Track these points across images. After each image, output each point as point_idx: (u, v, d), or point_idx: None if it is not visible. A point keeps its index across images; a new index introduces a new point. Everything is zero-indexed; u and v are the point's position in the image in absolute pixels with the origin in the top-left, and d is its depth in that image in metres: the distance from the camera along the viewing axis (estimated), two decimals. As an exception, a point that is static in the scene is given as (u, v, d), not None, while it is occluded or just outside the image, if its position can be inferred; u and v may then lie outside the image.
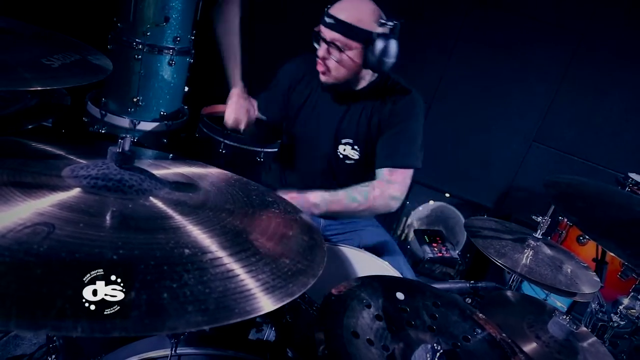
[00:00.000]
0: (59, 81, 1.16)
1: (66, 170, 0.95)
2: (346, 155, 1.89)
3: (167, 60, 2.95)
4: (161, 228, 0.83)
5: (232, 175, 1.26)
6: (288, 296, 0.77)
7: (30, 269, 0.64)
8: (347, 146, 1.88)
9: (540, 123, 3.32)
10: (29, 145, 1.09)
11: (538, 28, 3.17)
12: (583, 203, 1.46)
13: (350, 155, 1.89)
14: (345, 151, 1.88)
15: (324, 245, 0.99)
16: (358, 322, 1.00)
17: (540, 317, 1.48)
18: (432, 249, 2.71)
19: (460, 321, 1.12)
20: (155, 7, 2.85)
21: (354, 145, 1.88)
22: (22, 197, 0.81)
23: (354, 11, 1.68)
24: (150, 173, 1.00)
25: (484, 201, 3.52)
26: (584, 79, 3.18)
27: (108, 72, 1.27)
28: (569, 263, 1.77)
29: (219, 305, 0.69)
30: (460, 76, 3.39)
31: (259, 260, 0.82)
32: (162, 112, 3.06)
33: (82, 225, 0.77)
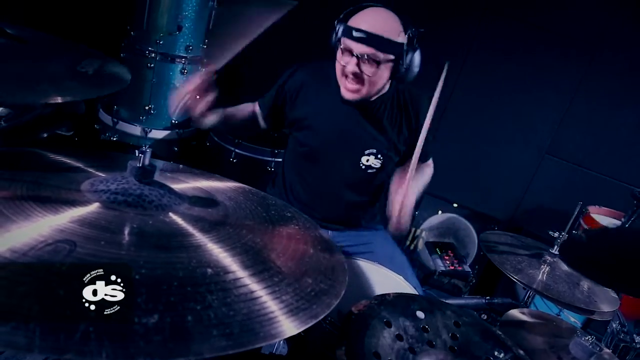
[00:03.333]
0: (97, 90, 1.16)
1: (85, 184, 0.93)
2: (369, 165, 1.88)
3: (180, 68, 2.95)
4: (182, 246, 0.81)
5: (249, 188, 1.24)
6: (312, 318, 0.75)
7: (53, 290, 0.63)
8: (370, 156, 1.87)
9: (554, 135, 3.28)
10: (46, 157, 1.08)
11: (552, 39, 3.14)
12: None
13: (374, 164, 1.88)
14: (369, 161, 1.88)
15: (345, 264, 0.97)
16: (379, 342, 0.98)
17: (560, 336, 1.45)
18: (444, 262, 2.68)
19: (481, 342, 1.10)
20: (168, 16, 2.85)
21: (378, 154, 1.87)
22: (41, 212, 0.80)
23: (382, 23, 1.65)
24: (170, 187, 0.98)
25: (495, 213, 3.48)
26: (598, 91, 3.14)
27: (129, 81, 1.27)
28: (585, 280, 1.74)
29: (244, 328, 0.68)
30: (473, 86, 3.36)
31: (282, 281, 0.80)
32: (173, 121, 3.06)
33: (103, 243, 0.75)
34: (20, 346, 0.54)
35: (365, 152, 1.87)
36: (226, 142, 2.95)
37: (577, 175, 3.25)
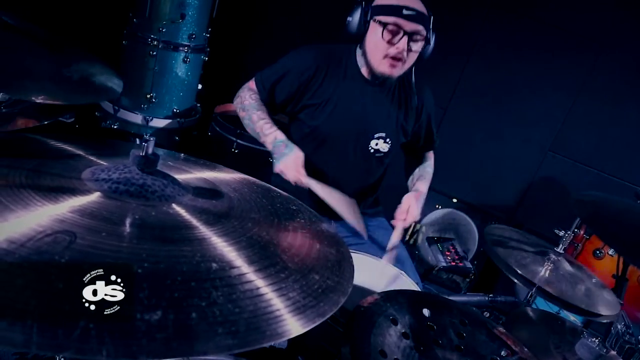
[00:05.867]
0: (79, 97, 1.13)
1: (86, 172, 0.90)
2: (377, 149, 1.92)
3: (182, 57, 2.91)
4: (186, 239, 0.78)
5: (253, 180, 1.22)
6: (320, 316, 0.73)
7: (52, 283, 0.60)
8: (379, 140, 1.90)
9: (557, 132, 3.25)
10: (47, 144, 1.04)
11: (557, 36, 3.11)
12: (612, 222, 1.41)
13: (382, 148, 1.92)
14: (377, 145, 1.91)
15: (352, 259, 0.95)
16: (385, 340, 0.96)
17: (565, 336, 1.43)
18: (445, 258, 2.66)
19: (488, 341, 1.08)
20: (171, 3, 2.81)
21: (387, 138, 1.91)
22: (41, 201, 0.77)
23: (419, 2, 1.74)
24: (173, 178, 0.95)
25: (496, 209, 3.46)
26: (602, 89, 3.11)
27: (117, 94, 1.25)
28: (587, 281, 1.73)
29: (250, 326, 0.65)
30: (477, 81, 3.33)
31: (289, 277, 0.78)
32: (175, 110, 3.02)
33: (104, 234, 0.72)
34: (17, 343, 0.51)
35: (375, 136, 1.89)
36: (228, 132, 2.92)
37: (579, 174, 3.23)
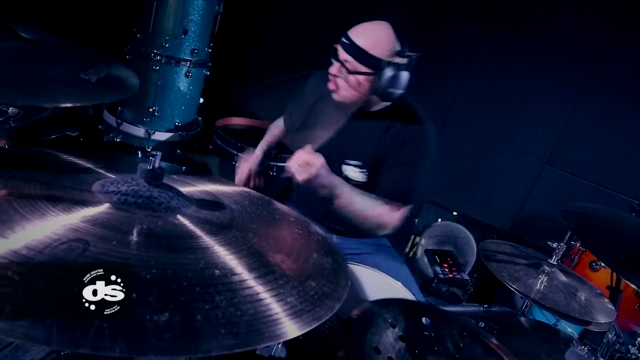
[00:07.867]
0: (99, 97, 1.17)
1: (96, 185, 0.96)
2: (348, 177, 1.84)
3: (184, 71, 2.98)
4: (190, 247, 0.84)
5: (254, 193, 1.27)
6: (315, 320, 0.78)
7: (69, 287, 0.65)
8: (354, 167, 1.83)
9: (554, 146, 3.30)
10: (57, 157, 1.10)
11: (553, 51, 3.17)
12: (602, 233, 1.45)
13: (355, 177, 1.84)
14: (348, 172, 1.84)
15: (347, 269, 1.00)
16: (381, 339, 1.01)
17: (557, 345, 1.47)
18: (443, 270, 2.69)
19: (484, 355, 1.11)
20: (174, 19, 2.88)
21: (363, 168, 1.83)
22: (55, 211, 0.83)
23: (371, 37, 1.69)
24: (178, 190, 1.01)
25: (494, 222, 3.50)
26: (598, 103, 3.16)
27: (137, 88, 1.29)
28: (583, 290, 1.76)
29: (250, 328, 0.70)
30: (475, 95, 3.39)
31: (287, 283, 0.83)
32: (177, 123, 3.08)
33: (115, 242, 0.78)
34: (39, 340, 0.56)
35: (346, 162, 1.84)
36: (229, 146, 2.97)
37: (576, 186, 3.27)
